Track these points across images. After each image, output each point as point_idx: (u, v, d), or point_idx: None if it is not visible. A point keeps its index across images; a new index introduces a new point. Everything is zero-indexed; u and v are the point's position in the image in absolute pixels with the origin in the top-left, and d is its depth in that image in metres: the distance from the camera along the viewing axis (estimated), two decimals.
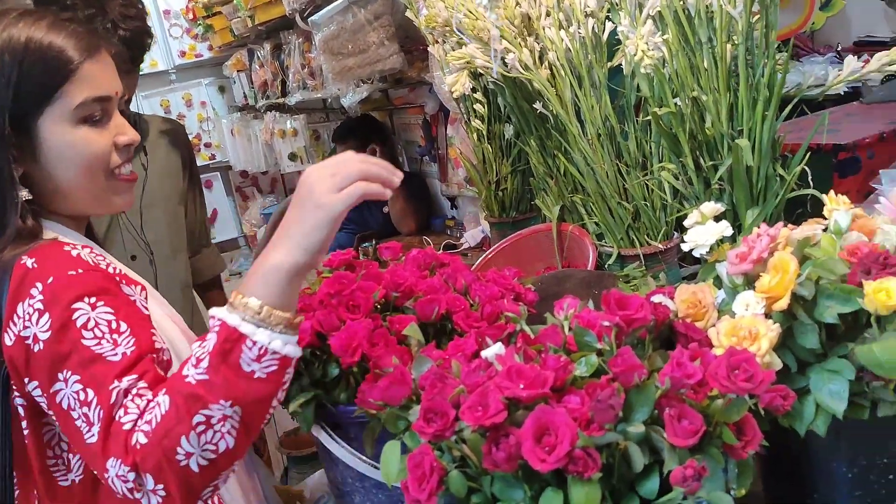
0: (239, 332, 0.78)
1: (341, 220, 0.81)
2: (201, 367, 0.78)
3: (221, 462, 0.78)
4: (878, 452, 0.85)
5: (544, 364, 0.71)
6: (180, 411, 0.76)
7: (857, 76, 1.44)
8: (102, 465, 0.79)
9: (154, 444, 0.76)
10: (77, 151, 0.92)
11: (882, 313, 0.75)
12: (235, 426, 0.77)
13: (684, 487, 0.64)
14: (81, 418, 0.81)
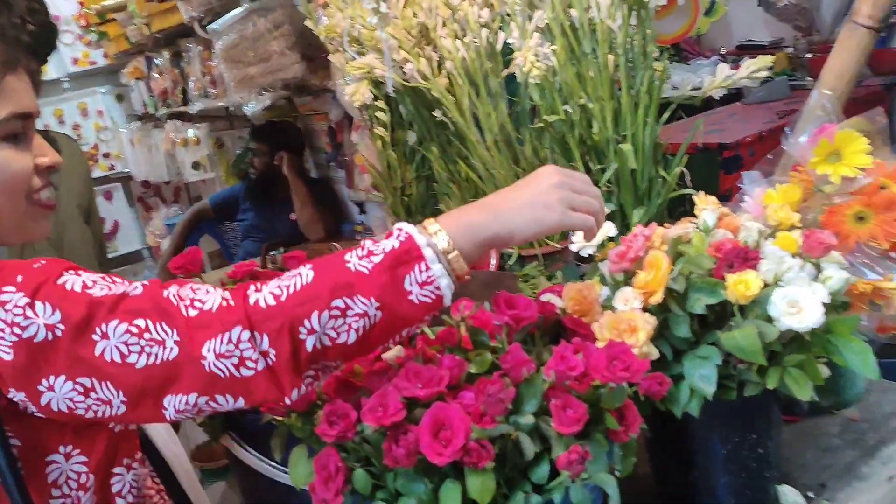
0: (421, 252, 0.75)
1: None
2: (370, 260, 0.75)
3: (331, 353, 0.74)
4: (748, 429, 0.94)
5: (440, 364, 0.76)
6: (324, 289, 0.73)
7: (729, 82, 1.55)
8: (193, 353, 0.72)
9: (285, 307, 0.73)
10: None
11: (742, 303, 0.83)
12: (365, 327, 0.74)
13: (570, 471, 0.69)
14: (147, 342, 0.72)
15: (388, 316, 0.74)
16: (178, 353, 0.72)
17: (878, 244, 0.93)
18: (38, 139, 0.91)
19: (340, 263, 0.76)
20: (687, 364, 0.86)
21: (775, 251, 0.89)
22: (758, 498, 0.98)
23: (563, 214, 0.80)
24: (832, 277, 0.85)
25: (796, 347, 0.88)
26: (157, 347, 0.72)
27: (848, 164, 0.96)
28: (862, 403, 1.20)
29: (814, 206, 1.02)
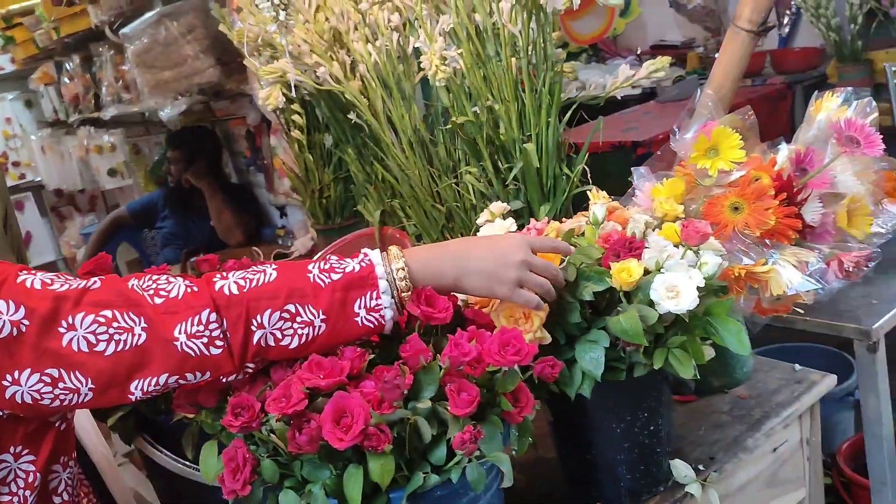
0: (377, 282, 0.83)
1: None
2: (329, 275, 0.82)
3: (272, 352, 0.81)
4: (639, 408, 1.01)
5: (342, 355, 0.79)
6: (282, 290, 0.80)
7: (629, 83, 1.63)
8: (165, 336, 0.77)
9: (243, 298, 0.79)
10: None
11: (626, 289, 0.89)
12: (308, 336, 0.81)
13: (463, 450, 0.74)
14: (115, 330, 0.76)
15: (332, 330, 0.82)
16: (146, 338, 0.77)
17: (752, 232, 1.01)
18: None
19: (303, 271, 0.83)
20: (578, 348, 0.92)
21: (658, 240, 0.96)
22: (651, 472, 1.05)
23: (511, 292, 0.88)
24: (708, 263, 0.92)
25: (679, 330, 0.94)
26: (125, 335, 0.76)
27: (724, 158, 1.03)
28: (751, 382, 1.29)
29: (697, 198, 1.10)
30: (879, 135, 1.09)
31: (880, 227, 1.15)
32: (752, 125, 1.10)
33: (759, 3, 1.32)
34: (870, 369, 1.48)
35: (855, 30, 3.48)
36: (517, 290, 0.89)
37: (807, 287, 1.05)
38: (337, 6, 1.67)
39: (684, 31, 4.92)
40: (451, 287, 0.89)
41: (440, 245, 0.93)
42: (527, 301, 0.89)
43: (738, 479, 1.15)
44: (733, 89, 1.41)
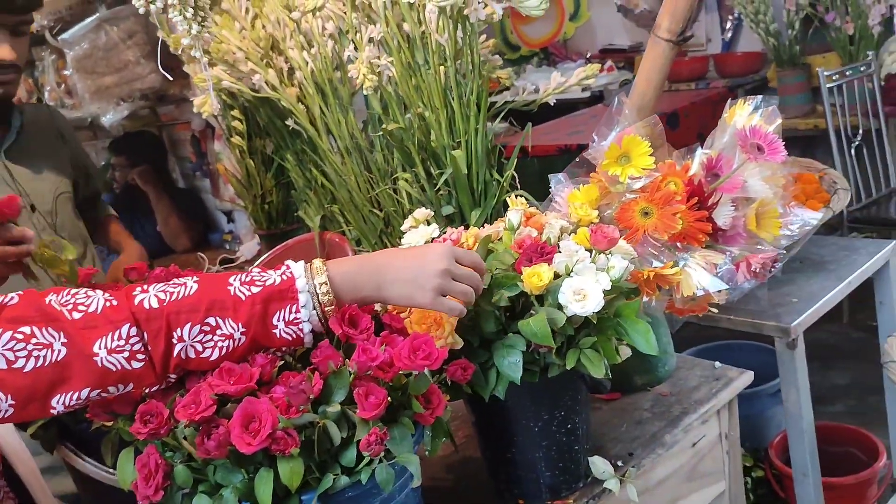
0: (297, 295, 0.84)
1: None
2: (250, 288, 0.83)
3: (193, 363, 0.81)
4: (556, 407, 1.04)
5: (253, 362, 0.81)
6: (202, 303, 0.81)
7: (561, 89, 1.67)
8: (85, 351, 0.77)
9: (164, 312, 0.80)
10: None
11: (536, 293, 0.92)
12: (229, 348, 0.81)
13: (370, 451, 0.76)
14: (34, 346, 0.76)
15: (252, 342, 0.83)
16: (66, 353, 0.77)
17: (660, 236, 1.05)
18: None
19: (223, 284, 0.83)
20: (496, 353, 0.95)
21: (570, 245, 0.99)
22: (570, 469, 1.09)
23: (433, 301, 0.89)
24: (615, 267, 0.95)
25: (590, 331, 0.98)
26: (45, 350, 0.76)
27: (634, 165, 1.07)
28: (672, 379, 1.34)
29: (612, 203, 1.14)
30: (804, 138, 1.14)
31: (789, 229, 1.20)
32: (661, 133, 1.14)
33: (676, 14, 1.37)
34: (790, 366, 1.55)
35: (792, 35, 3.60)
36: (438, 298, 0.90)
37: (716, 287, 1.09)
38: (273, 14, 1.68)
39: (632, 35, 5.02)
40: (374, 298, 0.90)
41: (365, 257, 0.94)
42: (449, 309, 0.91)
43: (656, 474, 1.19)
44: (656, 96, 1.45)
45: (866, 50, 3.32)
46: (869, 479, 1.95)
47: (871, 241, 1.87)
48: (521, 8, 1.32)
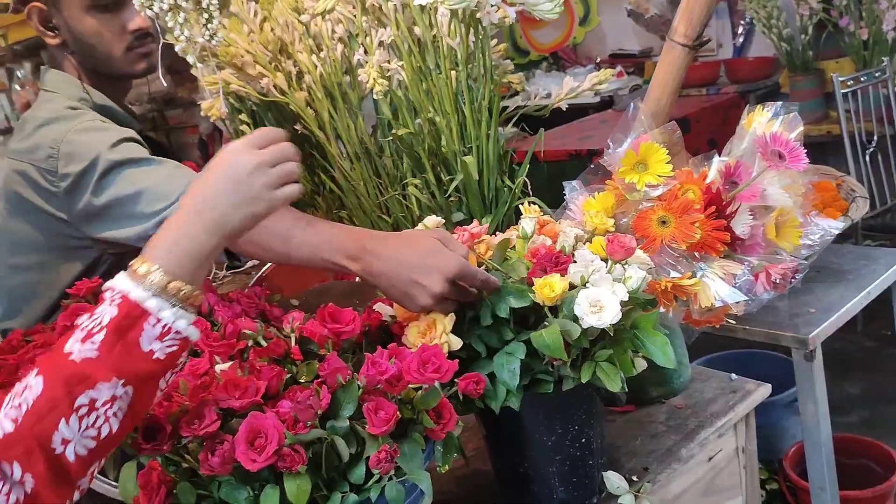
0: (142, 308, 0.71)
1: None
2: (93, 342, 0.70)
3: (102, 448, 0.70)
4: (569, 420, 1.01)
5: (260, 375, 0.78)
6: (59, 392, 0.68)
7: (573, 94, 1.64)
8: None
9: (24, 430, 0.66)
10: None
11: (548, 304, 0.90)
12: (123, 409, 0.70)
13: (379, 469, 0.74)
14: None
15: (140, 385, 0.71)
16: None
17: (678, 245, 1.02)
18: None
19: (65, 357, 0.70)
20: (496, 360, 0.92)
21: (585, 255, 0.97)
22: (584, 484, 1.06)
23: (270, 201, 0.79)
24: (632, 277, 0.93)
25: (606, 343, 0.95)
26: None
27: (651, 172, 1.05)
28: (688, 391, 1.31)
29: (628, 211, 1.11)
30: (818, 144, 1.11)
31: (809, 239, 1.17)
32: (679, 140, 1.11)
33: (693, 19, 1.34)
34: (807, 377, 1.51)
35: (805, 40, 3.56)
36: (274, 194, 0.80)
37: (734, 298, 1.06)
38: (282, 17, 1.66)
39: (642, 40, 4.99)
40: (216, 249, 0.77)
41: (175, 222, 0.77)
42: (289, 195, 0.82)
43: (672, 489, 1.16)
44: (671, 101, 1.42)
45: (881, 55, 3.29)
46: (886, 491, 1.92)
47: (890, 251, 1.83)
48: (536, 11, 1.29)
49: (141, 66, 1.50)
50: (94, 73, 1.45)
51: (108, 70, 1.45)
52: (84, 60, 1.43)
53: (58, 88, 1.43)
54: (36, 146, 1.30)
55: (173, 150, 3.02)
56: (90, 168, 1.24)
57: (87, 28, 1.39)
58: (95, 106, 1.42)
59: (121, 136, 1.29)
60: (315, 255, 1.06)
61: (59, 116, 1.34)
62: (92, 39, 1.40)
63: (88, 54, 1.42)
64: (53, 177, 1.27)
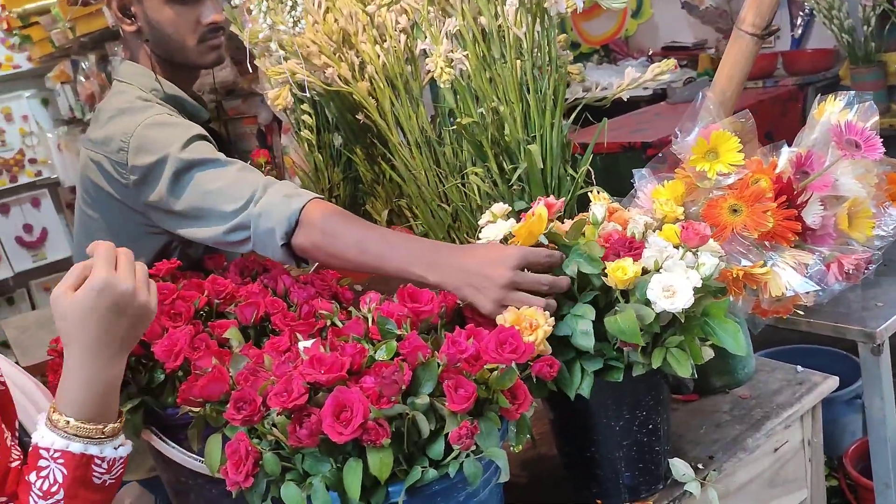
0: (87, 455, 0.82)
1: None
2: (56, 497, 0.80)
3: None
4: (638, 406, 1.02)
5: (343, 351, 0.81)
6: None
7: (635, 84, 1.64)
8: None
9: None
10: None
11: (620, 287, 0.90)
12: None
13: (460, 444, 0.76)
14: None
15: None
16: None
17: (750, 234, 1.02)
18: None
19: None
20: (567, 323, 0.93)
21: (658, 241, 0.97)
22: (650, 470, 1.06)
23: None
24: (705, 264, 0.93)
25: (677, 329, 0.96)
26: None
27: (723, 161, 1.04)
28: (752, 382, 1.30)
29: (697, 200, 1.11)
30: (880, 138, 1.10)
31: (882, 230, 1.15)
32: (751, 128, 1.11)
33: (762, 8, 1.33)
34: (874, 372, 1.49)
35: (868, 31, 3.47)
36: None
37: (806, 288, 1.06)
38: (346, 8, 1.69)
39: (696, 32, 4.91)
40: (120, 376, 0.86)
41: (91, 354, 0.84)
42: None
43: (737, 478, 1.16)
44: (737, 92, 1.41)
45: None
46: None
47: None
48: (603, 1, 1.29)
49: (211, 58, 1.54)
50: (166, 62, 1.50)
51: (180, 59, 1.49)
52: (157, 49, 1.48)
53: (131, 79, 1.47)
54: (108, 138, 1.34)
55: (231, 140, 3.08)
56: (159, 164, 1.27)
57: (165, 18, 1.43)
58: (166, 96, 1.47)
59: (190, 133, 1.32)
60: (390, 266, 1.07)
61: (130, 108, 1.38)
62: (168, 29, 1.44)
63: (163, 43, 1.46)
64: (123, 169, 1.31)
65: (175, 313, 1.02)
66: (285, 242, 1.13)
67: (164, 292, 1.04)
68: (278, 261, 1.17)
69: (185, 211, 1.25)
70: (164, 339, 0.97)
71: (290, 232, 1.13)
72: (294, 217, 1.13)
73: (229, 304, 1.06)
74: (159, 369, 1.01)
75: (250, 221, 1.17)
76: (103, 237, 1.43)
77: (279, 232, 1.13)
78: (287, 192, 1.19)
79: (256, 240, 1.17)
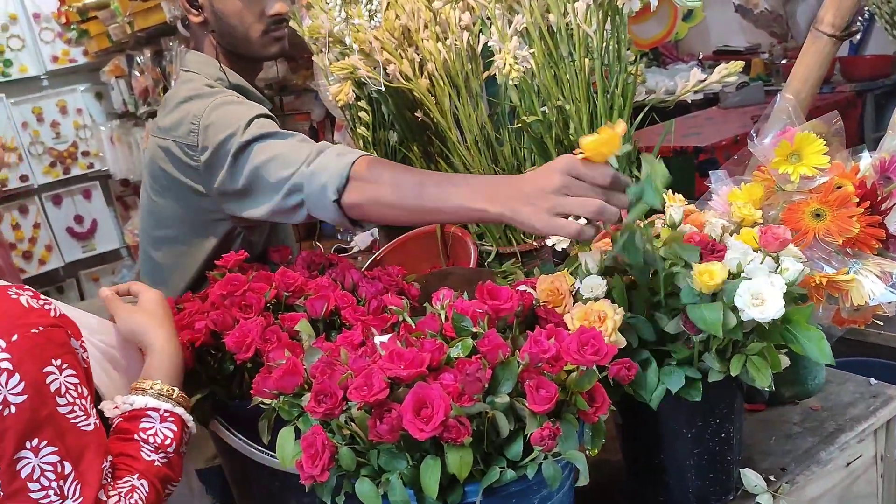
0: (185, 421, 0.94)
1: None
2: (169, 450, 0.90)
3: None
4: (711, 414, 0.99)
5: (422, 347, 0.80)
6: (160, 494, 0.88)
7: (701, 86, 1.60)
8: None
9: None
10: None
11: (706, 292, 0.88)
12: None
13: (542, 445, 0.74)
14: (52, 490, 0.77)
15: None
16: None
17: (834, 239, 0.99)
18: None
19: (150, 465, 0.89)
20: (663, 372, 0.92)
21: (739, 245, 0.95)
22: (721, 479, 1.04)
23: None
24: (788, 269, 0.90)
25: (757, 336, 0.93)
26: (58, 498, 0.78)
27: (807, 164, 1.01)
28: (823, 393, 1.26)
29: (775, 203, 1.08)
30: None
31: None
32: (839, 131, 1.08)
33: (842, 7, 1.29)
34: None
35: None
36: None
37: (889, 298, 1.02)
38: (408, 4, 1.68)
39: (748, 36, 4.83)
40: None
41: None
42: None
43: (809, 492, 1.13)
44: (812, 94, 1.38)
45: None
46: None
47: None
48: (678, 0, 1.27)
49: (274, 49, 1.54)
50: (231, 53, 1.51)
51: (245, 51, 1.50)
52: (223, 40, 1.49)
53: (197, 69, 1.49)
54: (178, 122, 1.35)
55: None
56: (226, 141, 1.28)
57: (231, 9, 1.44)
58: (231, 85, 1.48)
59: (254, 112, 1.32)
60: (450, 205, 1.05)
61: (198, 94, 1.40)
62: (233, 20, 1.45)
63: (228, 34, 1.47)
64: (194, 151, 1.32)
65: (246, 305, 1.02)
66: (337, 199, 1.12)
67: (234, 283, 1.04)
68: (332, 221, 1.16)
69: (245, 187, 1.25)
70: (236, 330, 0.97)
71: (342, 187, 1.11)
72: (345, 172, 1.12)
73: (298, 297, 1.06)
74: (228, 360, 1.01)
75: (303, 182, 1.16)
76: (170, 223, 1.44)
77: (331, 188, 1.11)
78: (340, 150, 1.18)
79: (309, 201, 1.15)
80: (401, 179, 1.09)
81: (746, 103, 4.03)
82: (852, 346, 1.79)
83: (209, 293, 1.08)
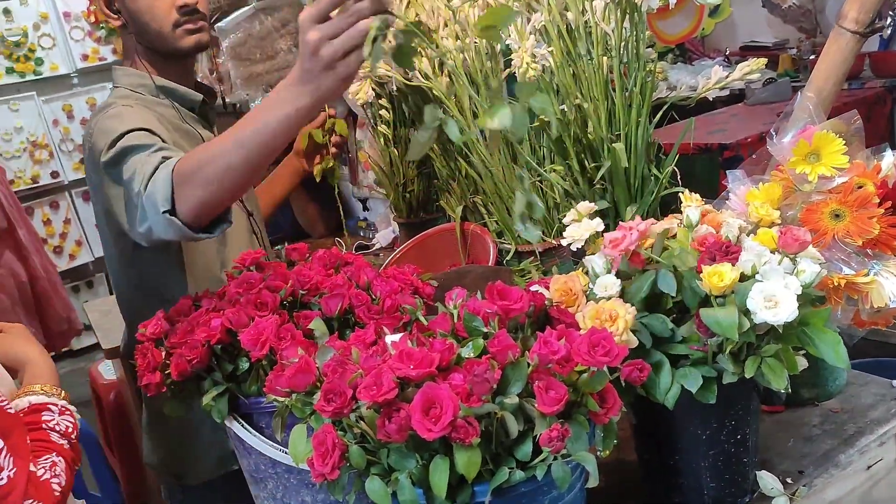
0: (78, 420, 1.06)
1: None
2: (72, 438, 1.02)
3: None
4: (726, 415, 0.99)
5: (432, 347, 0.80)
6: (73, 472, 1.00)
7: (723, 84, 1.59)
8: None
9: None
10: None
11: (716, 293, 0.87)
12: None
13: (550, 447, 0.74)
14: None
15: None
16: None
17: (853, 240, 0.98)
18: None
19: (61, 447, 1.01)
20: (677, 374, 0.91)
21: (754, 246, 0.94)
22: (736, 481, 1.03)
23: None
24: (805, 271, 0.89)
25: (772, 338, 0.92)
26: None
27: (825, 164, 1.00)
28: (843, 395, 1.25)
29: (794, 203, 1.06)
30: None
31: None
32: (858, 130, 1.06)
33: (866, 3, 1.27)
34: None
35: None
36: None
37: None
38: (427, 2, 1.69)
39: (776, 31, 4.76)
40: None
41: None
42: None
43: (828, 495, 1.11)
44: (834, 92, 1.36)
45: None
46: None
47: None
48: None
49: (190, 41, 1.47)
50: (154, 52, 1.49)
51: (161, 47, 1.47)
52: (142, 39, 1.48)
53: (118, 81, 1.50)
54: (87, 134, 1.37)
55: None
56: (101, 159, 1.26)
57: (141, 6, 1.43)
58: (156, 88, 1.47)
59: (128, 127, 1.26)
60: (266, 128, 1.00)
61: (99, 106, 1.42)
62: (145, 16, 1.44)
63: (144, 31, 1.46)
64: None
65: (261, 303, 1.03)
66: (169, 208, 1.05)
67: (250, 282, 1.05)
68: (170, 236, 1.09)
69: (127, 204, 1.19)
70: (251, 328, 0.98)
71: (170, 196, 1.06)
72: (168, 178, 1.06)
73: (314, 295, 1.07)
74: (244, 358, 1.02)
75: (146, 207, 1.09)
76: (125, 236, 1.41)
77: (161, 201, 1.06)
78: (166, 162, 1.11)
79: (151, 224, 1.10)
80: (211, 147, 1.05)
81: (773, 100, 3.97)
82: (878, 347, 1.77)
83: (228, 291, 1.09)
